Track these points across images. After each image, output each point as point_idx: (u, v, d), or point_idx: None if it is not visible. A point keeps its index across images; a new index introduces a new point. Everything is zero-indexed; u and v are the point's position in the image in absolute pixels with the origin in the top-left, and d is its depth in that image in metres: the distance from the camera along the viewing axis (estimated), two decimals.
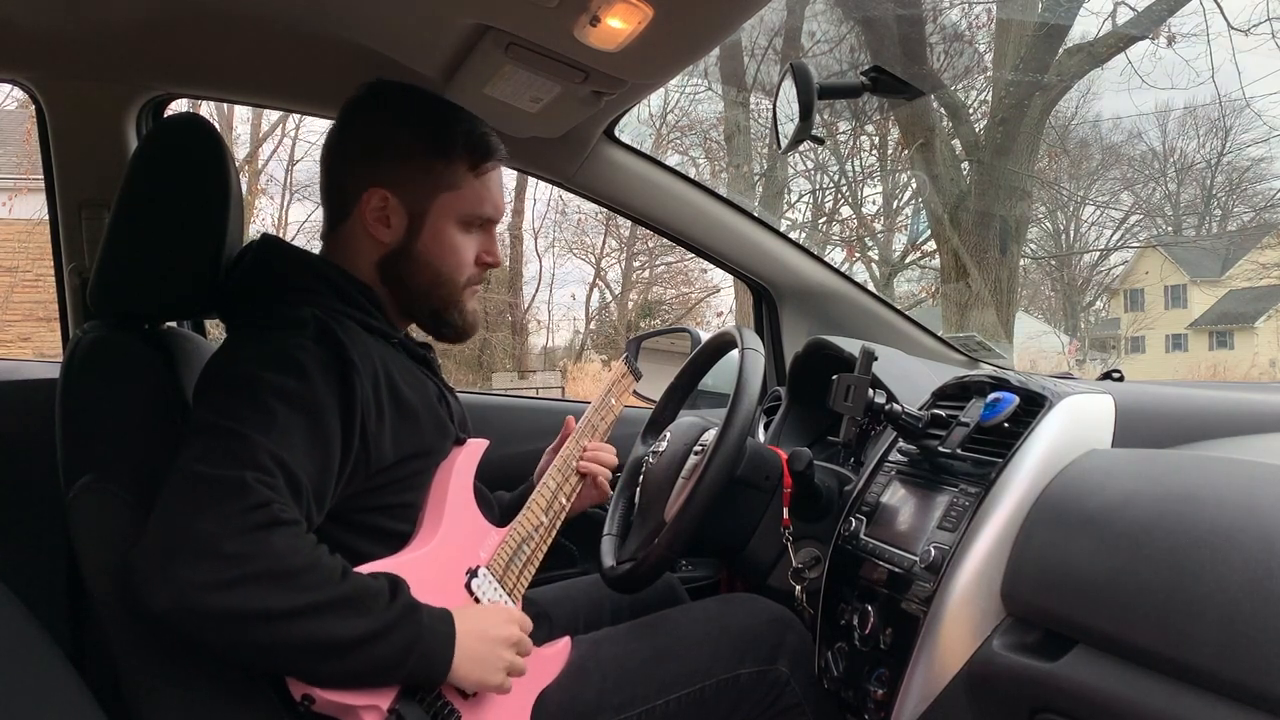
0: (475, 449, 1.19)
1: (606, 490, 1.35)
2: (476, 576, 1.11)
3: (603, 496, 1.36)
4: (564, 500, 1.28)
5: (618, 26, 1.16)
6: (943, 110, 8.46)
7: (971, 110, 8.83)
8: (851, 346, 1.48)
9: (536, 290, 16.06)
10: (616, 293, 16.42)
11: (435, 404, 1.15)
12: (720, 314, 14.78)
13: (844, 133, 11.16)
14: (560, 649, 1.20)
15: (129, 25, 1.36)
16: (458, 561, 1.11)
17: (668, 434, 1.45)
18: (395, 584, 0.98)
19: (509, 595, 1.15)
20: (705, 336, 1.61)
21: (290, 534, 0.91)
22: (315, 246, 1.22)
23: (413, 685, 0.99)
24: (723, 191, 4.18)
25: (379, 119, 1.18)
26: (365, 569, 0.99)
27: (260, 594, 0.88)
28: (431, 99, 1.21)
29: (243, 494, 0.89)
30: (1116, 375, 1.36)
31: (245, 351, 1.04)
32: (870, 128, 11.30)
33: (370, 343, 1.08)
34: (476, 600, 1.10)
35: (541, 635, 1.21)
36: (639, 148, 1.85)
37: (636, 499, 1.45)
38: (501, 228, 1.24)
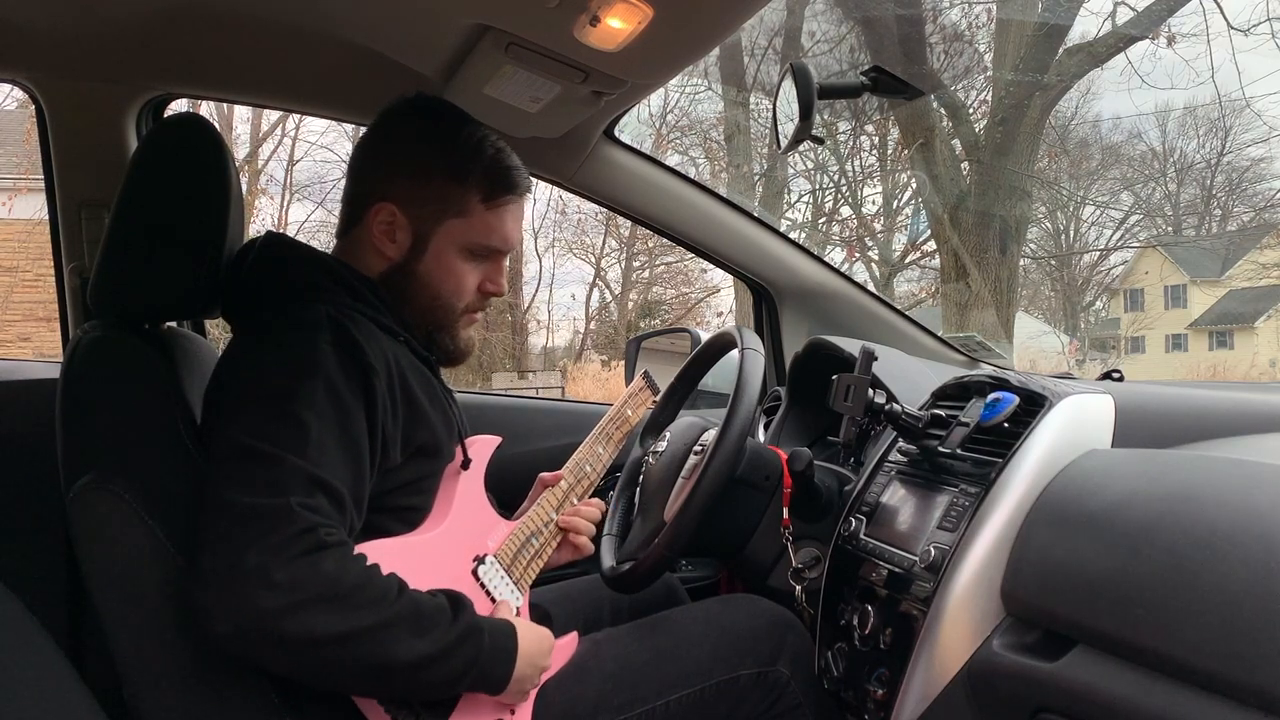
0: (488, 444, 1.20)
1: (586, 549, 1.28)
2: (483, 564, 1.12)
3: (577, 555, 1.28)
4: (574, 501, 1.29)
5: (618, 26, 1.16)
6: (943, 110, 8.46)
7: (971, 110, 8.83)
8: (851, 346, 1.48)
9: (536, 290, 16.09)
10: (616, 293, 16.45)
11: (442, 402, 1.16)
12: (720, 314, 14.80)
13: (844, 133, 11.15)
14: (568, 641, 1.21)
15: (129, 25, 1.36)
16: (465, 547, 1.12)
17: (668, 434, 1.45)
18: (457, 602, 0.99)
19: (515, 585, 1.16)
20: (705, 336, 1.61)
21: (339, 555, 0.91)
22: (315, 246, 1.22)
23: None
24: (723, 191, 4.18)
25: (404, 133, 1.17)
26: (369, 548, 0.98)
27: (315, 619, 0.88)
28: (463, 121, 1.18)
29: (288, 521, 0.89)
30: (1116, 375, 1.36)
31: (266, 358, 1.03)
32: (870, 128, 11.30)
33: (383, 340, 1.09)
34: (483, 587, 1.11)
35: None
36: (639, 148, 1.85)
37: (636, 499, 1.45)
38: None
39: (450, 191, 1.14)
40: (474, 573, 1.11)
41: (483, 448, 1.19)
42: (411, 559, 1.02)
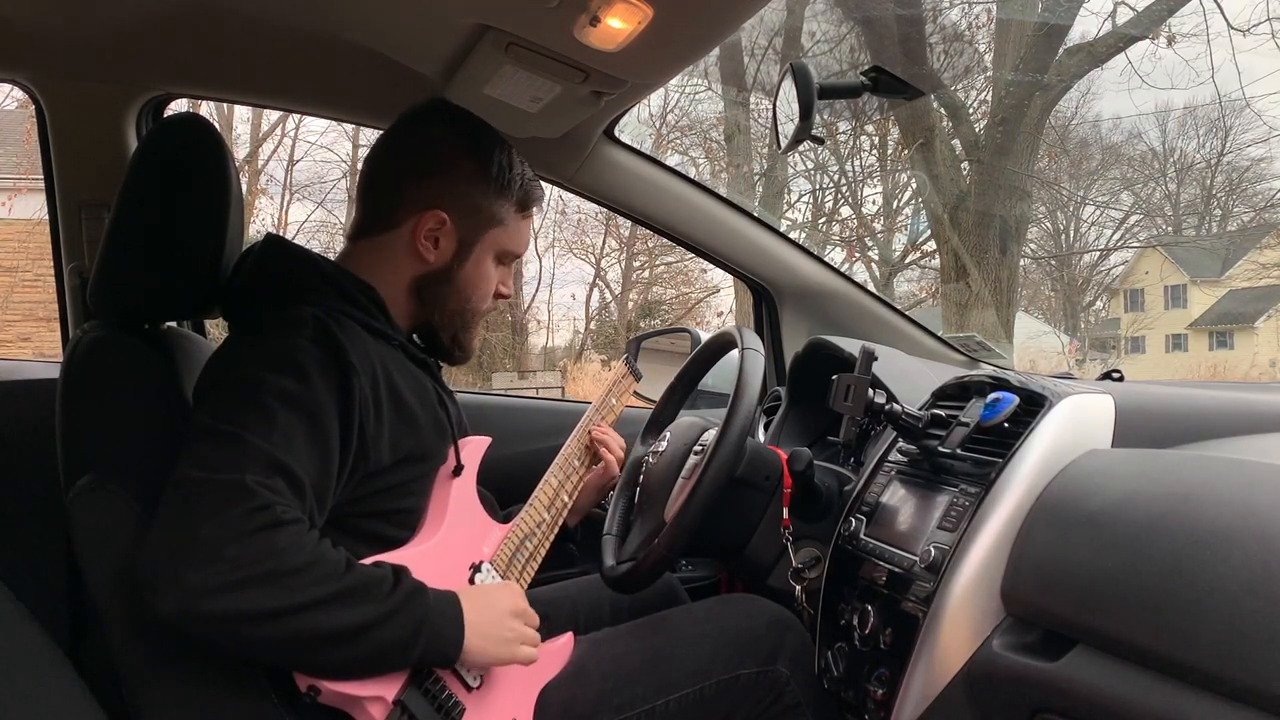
0: (478, 446, 1.20)
1: (614, 470, 1.38)
2: (480, 571, 1.11)
3: (607, 475, 1.38)
4: (566, 498, 1.29)
5: (618, 26, 1.16)
6: (943, 110, 8.46)
7: (971, 110, 8.83)
8: (851, 346, 1.48)
9: (536, 290, 16.10)
10: (616, 293, 16.44)
11: (435, 407, 1.15)
12: (720, 314, 14.79)
13: (844, 133, 11.16)
14: (564, 644, 1.20)
15: (129, 25, 1.36)
16: (461, 556, 1.11)
17: (668, 434, 1.45)
18: (398, 570, 0.99)
19: None
20: (705, 336, 1.61)
21: (293, 533, 0.91)
22: (315, 247, 1.22)
23: (427, 668, 0.99)
24: (723, 191, 4.18)
25: (444, 142, 1.19)
26: (368, 562, 0.99)
27: (264, 594, 0.88)
28: (493, 132, 1.23)
29: (243, 497, 0.90)
30: (1116, 375, 1.36)
31: (244, 352, 1.04)
32: (870, 128, 11.31)
33: (370, 343, 1.08)
34: None
35: (543, 635, 1.21)
36: (639, 148, 1.85)
37: (636, 499, 1.45)
38: None
39: (497, 204, 1.20)
40: (471, 581, 1.10)
41: (474, 449, 1.19)
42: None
